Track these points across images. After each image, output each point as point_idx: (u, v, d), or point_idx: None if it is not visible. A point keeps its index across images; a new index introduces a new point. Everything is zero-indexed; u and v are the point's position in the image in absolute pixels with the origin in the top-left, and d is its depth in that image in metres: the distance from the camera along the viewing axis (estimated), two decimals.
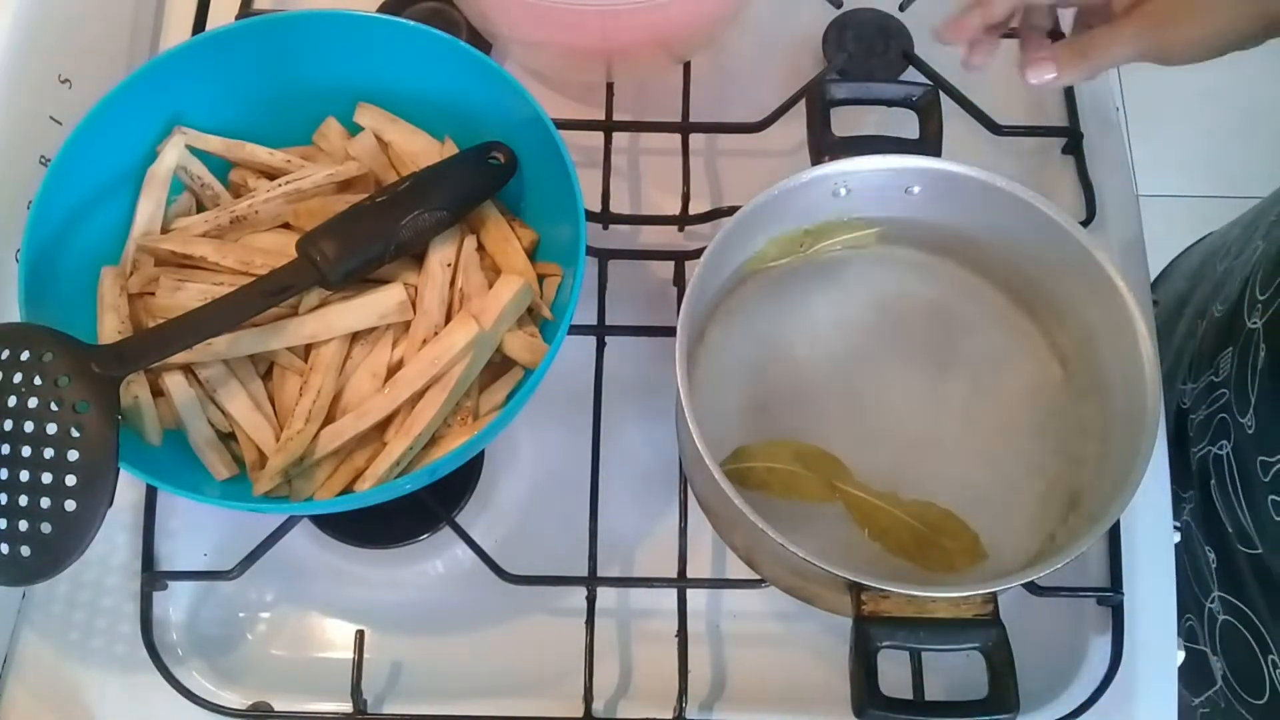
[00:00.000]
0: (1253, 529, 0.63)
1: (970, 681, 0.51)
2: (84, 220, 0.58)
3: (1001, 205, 0.58)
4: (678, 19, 0.64)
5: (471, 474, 0.63)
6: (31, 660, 0.61)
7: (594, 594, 0.61)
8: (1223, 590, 0.67)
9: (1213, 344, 0.69)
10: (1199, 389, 0.69)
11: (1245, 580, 0.65)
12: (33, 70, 0.62)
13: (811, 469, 0.57)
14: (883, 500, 0.56)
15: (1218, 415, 0.65)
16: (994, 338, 0.62)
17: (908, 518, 0.56)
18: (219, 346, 0.56)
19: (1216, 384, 0.66)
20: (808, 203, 0.59)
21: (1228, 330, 0.67)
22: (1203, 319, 0.72)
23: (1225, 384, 0.65)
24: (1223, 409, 0.65)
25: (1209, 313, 0.71)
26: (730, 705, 0.61)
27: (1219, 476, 0.65)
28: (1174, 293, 0.81)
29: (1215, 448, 0.66)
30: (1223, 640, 0.68)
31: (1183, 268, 0.84)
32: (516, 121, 0.59)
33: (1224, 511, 0.65)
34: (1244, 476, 0.63)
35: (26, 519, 0.47)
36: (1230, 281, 0.70)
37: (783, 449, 0.58)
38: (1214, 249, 0.78)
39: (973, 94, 0.70)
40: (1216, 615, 0.68)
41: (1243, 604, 0.66)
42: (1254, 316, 0.63)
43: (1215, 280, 0.73)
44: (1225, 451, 0.64)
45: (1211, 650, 0.70)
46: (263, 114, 0.62)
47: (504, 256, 0.60)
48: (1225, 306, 0.69)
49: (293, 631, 0.63)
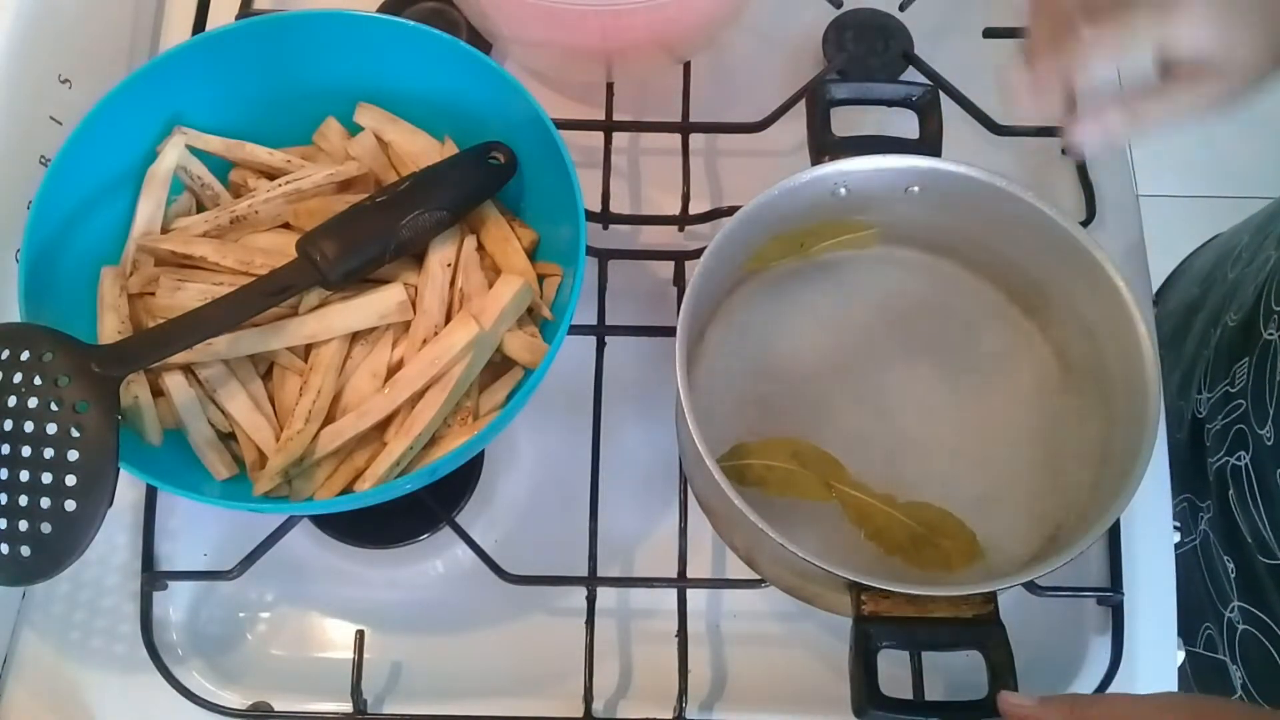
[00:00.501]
0: (1273, 539, 0.62)
1: (970, 681, 0.51)
2: (84, 220, 0.58)
3: (1001, 205, 0.58)
4: (678, 19, 0.64)
5: (471, 474, 0.63)
6: (31, 660, 0.61)
7: (594, 594, 0.61)
8: (1242, 600, 0.67)
9: (1227, 354, 0.68)
10: (1214, 399, 0.68)
11: (1265, 590, 0.65)
12: (33, 70, 0.62)
13: (809, 468, 0.57)
14: (879, 500, 0.56)
15: (1235, 426, 0.65)
16: (994, 337, 0.61)
17: (904, 518, 0.56)
18: (219, 346, 0.56)
19: (1233, 394, 0.66)
20: (808, 203, 0.59)
21: (1243, 340, 0.67)
22: (1216, 327, 0.72)
23: (1242, 395, 0.64)
24: (1240, 420, 0.64)
25: (1222, 321, 0.71)
26: (730, 705, 0.61)
27: (1238, 487, 0.65)
28: (1185, 298, 0.80)
29: (1233, 458, 0.65)
30: (1242, 650, 0.68)
31: (1192, 272, 0.83)
32: (516, 121, 0.59)
33: (1243, 522, 0.65)
34: (1263, 488, 0.62)
35: (26, 519, 0.47)
36: (1243, 290, 0.69)
37: (781, 447, 0.57)
38: (1224, 253, 0.78)
39: (973, 94, 0.70)
40: (1236, 625, 0.68)
41: (1263, 614, 0.65)
42: (1270, 327, 0.63)
43: (1227, 287, 0.73)
44: (1244, 462, 0.64)
45: (1231, 660, 0.69)
46: (263, 114, 0.62)
47: (504, 256, 0.60)
48: (1239, 316, 0.68)
49: (293, 631, 0.63)
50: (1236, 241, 0.76)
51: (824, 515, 0.57)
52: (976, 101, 0.70)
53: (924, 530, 0.56)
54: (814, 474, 0.57)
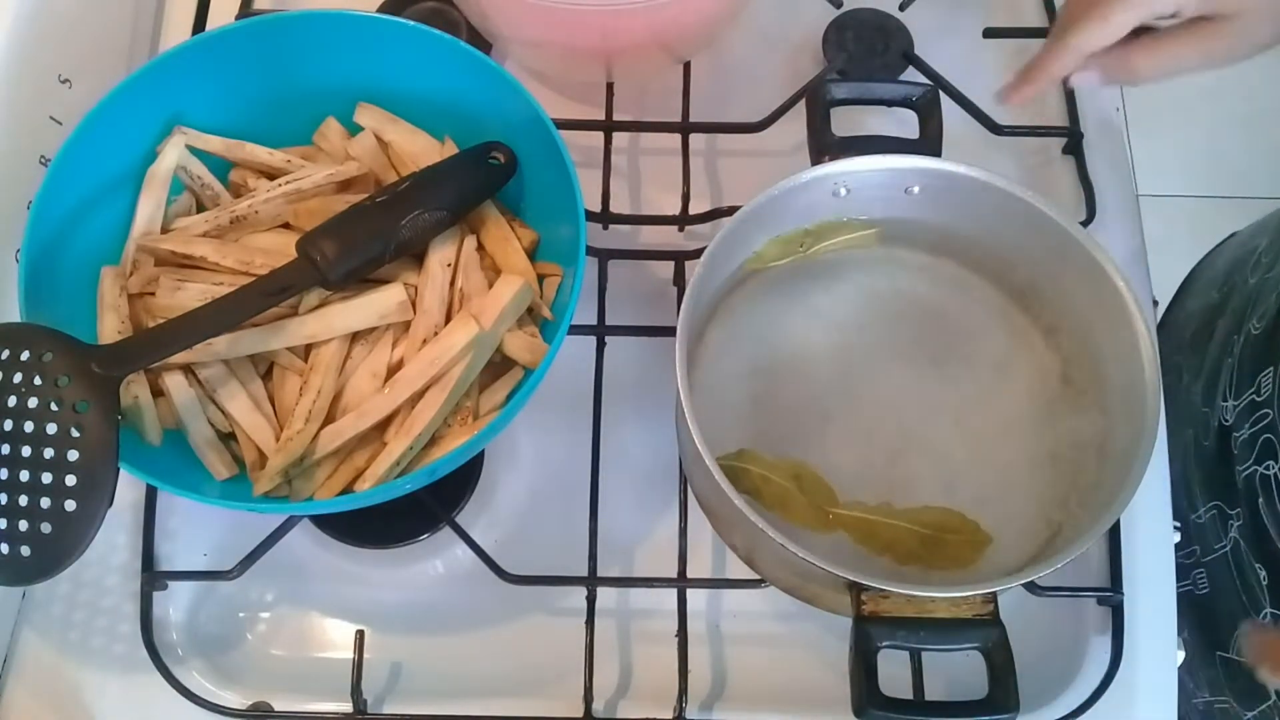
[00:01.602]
0: None
1: (970, 681, 0.51)
2: (84, 220, 0.58)
3: (1001, 205, 0.58)
4: (678, 19, 0.64)
5: (471, 474, 0.63)
6: (31, 660, 0.61)
7: (594, 594, 0.61)
8: (1275, 607, 0.66)
9: (1252, 362, 0.67)
10: (1241, 406, 0.68)
11: None
12: (33, 70, 0.62)
13: (806, 492, 0.57)
14: (878, 514, 0.56)
15: (1263, 435, 0.64)
16: (994, 337, 0.61)
17: (908, 525, 0.56)
18: (219, 346, 0.56)
19: (1259, 403, 0.65)
20: (808, 203, 0.59)
21: (1267, 349, 0.66)
22: (1239, 334, 0.71)
23: (1268, 404, 0.64)
24: (1267, 429, 0.64)
25: (1245, 329, 0.70)
26: (730, 705, 0.61)
27: (1267, 495, 0.64)
28: (1205, 301, 0.79)
29: (1262, 467, 0.65)
30: None
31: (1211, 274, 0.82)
32: (516, 121, 0.59)
33: (1274, 530, 0.64)
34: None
35: (26, 519, 0.47)
36: (1265, 297, 0.68)
37: (783, 466, 0.57)
38: (1241, 258, 0.77)
39: (973, 94, 0.70)
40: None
41: None
42: None
43: (1248, 292, 0.72)
44: (1273, 471, 0.63)
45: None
46: (263, 114, 0.62)
47: (504, 256, 0.60)
48: (1263, 324, 0.67)
49: (293, 631, 0.63)
50: (1255, 244, 0.75)
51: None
52: (976, 101, 0.70)
53: (930, 531, 0.56)
54: (809, 500, 0.57)
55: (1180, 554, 0.68)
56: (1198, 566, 0.72)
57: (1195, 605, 0.71)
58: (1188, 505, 0.72)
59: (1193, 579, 0.71)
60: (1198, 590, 0.71)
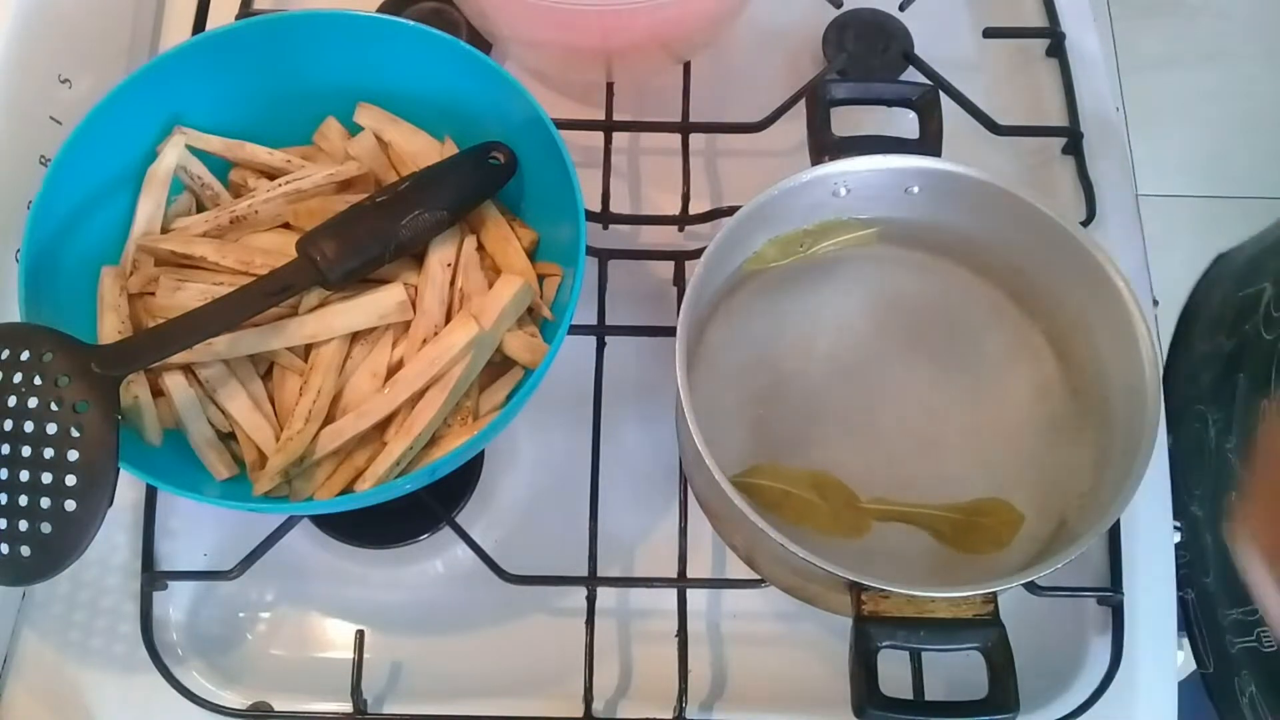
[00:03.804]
0: None
1: (970, 681, 0.51)
2: (84, 220, 0.58)
3: (1001, 205, 0.58)
4: (678, 19, 0.64)
5: (471, 474, 0.63)
6: (31, 660, 0.61)
7: (594, 594, 0.61)
8: None
9: None
10: None
11: None
12: (33, 70, 0.62)
13: (828, 499, 0.57)
14: (910, 505, 0.56)
15: None
16: (994, 337, 0.61)
17: (942, 512, 0.56)
18: (219, 346, 0.56)
19: None
20: (808, 203, 0.59)
21: None
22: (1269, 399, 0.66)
23: None
24: None
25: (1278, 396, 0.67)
26: (730, 705, 0.61)
27: None
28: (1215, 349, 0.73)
29: None
30: None
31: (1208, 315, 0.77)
32: (516, 121, 0.59)
33: None
34: None
35: (26, 519, 0.47)
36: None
37: (803, 477, 0.57)
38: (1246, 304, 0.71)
39: (973, 94, 0.70)
40: None
41: None
42: None
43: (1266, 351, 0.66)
44: None
45: None
46: (263, 114, 0.62)
47: (504, 256, 0.60)
48: None
49: (293, 631, 0.63)
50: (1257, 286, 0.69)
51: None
52: (976, 101, 0.70)
53: (964, 516, 0.56)
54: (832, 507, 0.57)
55: (1240, 611, 0.67)
56: (1261, 624, 0.69)
57: (1263, 662, 0.67)
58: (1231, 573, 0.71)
59: (1257, 636, 0.69)
60: (1263, 648, 0.70)
